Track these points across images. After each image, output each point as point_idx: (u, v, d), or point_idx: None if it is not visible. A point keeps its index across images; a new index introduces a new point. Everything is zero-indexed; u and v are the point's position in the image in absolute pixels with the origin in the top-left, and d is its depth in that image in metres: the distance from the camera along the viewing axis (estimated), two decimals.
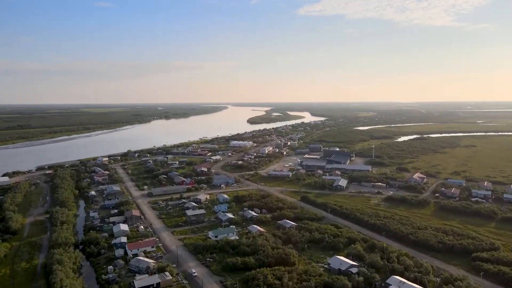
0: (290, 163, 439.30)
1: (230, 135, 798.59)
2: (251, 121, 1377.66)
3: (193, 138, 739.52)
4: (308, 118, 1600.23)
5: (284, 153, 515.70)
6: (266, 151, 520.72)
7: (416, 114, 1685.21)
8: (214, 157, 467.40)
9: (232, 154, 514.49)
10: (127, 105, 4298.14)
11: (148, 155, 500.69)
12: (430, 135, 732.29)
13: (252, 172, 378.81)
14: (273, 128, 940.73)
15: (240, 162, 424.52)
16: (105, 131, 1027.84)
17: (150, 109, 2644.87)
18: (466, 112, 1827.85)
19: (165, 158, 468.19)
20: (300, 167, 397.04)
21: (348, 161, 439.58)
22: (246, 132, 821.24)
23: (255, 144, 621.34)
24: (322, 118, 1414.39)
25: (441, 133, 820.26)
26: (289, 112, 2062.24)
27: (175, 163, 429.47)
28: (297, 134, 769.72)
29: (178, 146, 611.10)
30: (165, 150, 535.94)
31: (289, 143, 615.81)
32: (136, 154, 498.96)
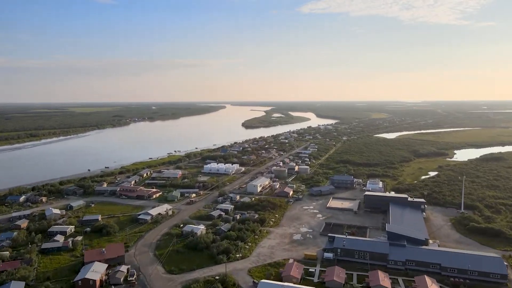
0: (303, 228, 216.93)
1: (214, 146, 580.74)
2: (247, 124, 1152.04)
3: (160, 153, 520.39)
4: (313, 119, 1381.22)
5: (291, 192, 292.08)
6: (259, 189, 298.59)
7: (437, 116, 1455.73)
8: (156, 208, 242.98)
9: (197, 194, 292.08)
10: (122, 103, 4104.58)
11: (43, 198, 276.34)
12: (500, 150, 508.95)
13: (218, 275, 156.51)
14: (272, 137, 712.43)
15: (200, 230, 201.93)
16: (60, 138, 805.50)
17: (143, 109, 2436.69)
18: (493, 113, 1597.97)
19: (65, 209, 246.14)
20: (331, 255, 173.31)
21: (423, 222, 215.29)
22: (235, 144, 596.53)
23: (242, 169, 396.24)
24: (332, 121, 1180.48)
25: (502, 145, 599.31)
26: (291, 113, 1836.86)
27: (66, 231, 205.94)
28: (306, 149, 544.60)
29: (123, 171, 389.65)
30: (84, 187, 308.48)
31: (296, 167, 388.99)
32: (21, 197, 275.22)
